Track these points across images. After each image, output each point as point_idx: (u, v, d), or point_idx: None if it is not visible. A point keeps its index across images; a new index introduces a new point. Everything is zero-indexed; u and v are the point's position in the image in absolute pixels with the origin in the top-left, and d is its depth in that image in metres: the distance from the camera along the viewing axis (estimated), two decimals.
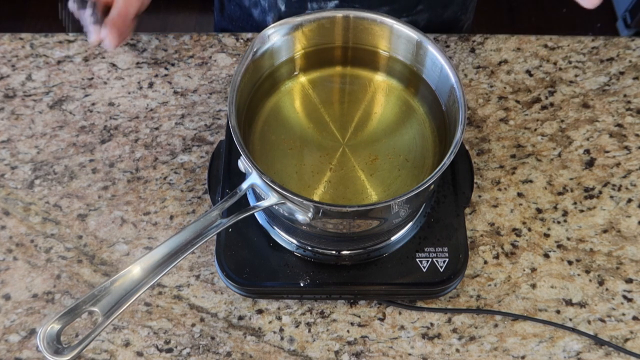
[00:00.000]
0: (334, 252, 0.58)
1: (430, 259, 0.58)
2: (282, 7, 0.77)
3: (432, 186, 0.52)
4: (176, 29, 1.84)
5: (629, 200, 0.65)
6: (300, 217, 0.49)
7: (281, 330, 0.59)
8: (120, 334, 0.58)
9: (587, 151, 0.68)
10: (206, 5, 1.85)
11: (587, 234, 0.63)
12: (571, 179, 0.66)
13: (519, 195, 0.65)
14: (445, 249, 0.58)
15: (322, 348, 0.58)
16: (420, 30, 0.54)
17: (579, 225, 0.64)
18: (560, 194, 0.65)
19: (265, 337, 0.59)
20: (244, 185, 0.50)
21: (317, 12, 0.56)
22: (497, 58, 0.74)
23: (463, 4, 0.83)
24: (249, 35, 0.76)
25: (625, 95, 0.71)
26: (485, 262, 0.62)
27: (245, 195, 0.57)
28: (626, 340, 0.58)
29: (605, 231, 0.63)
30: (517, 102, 0.71)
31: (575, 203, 0.65)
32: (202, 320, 0.59)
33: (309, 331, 0.59)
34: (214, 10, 0.91)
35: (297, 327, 0.59)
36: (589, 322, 0.59)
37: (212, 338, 0.58)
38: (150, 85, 0.72)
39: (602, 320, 0.59)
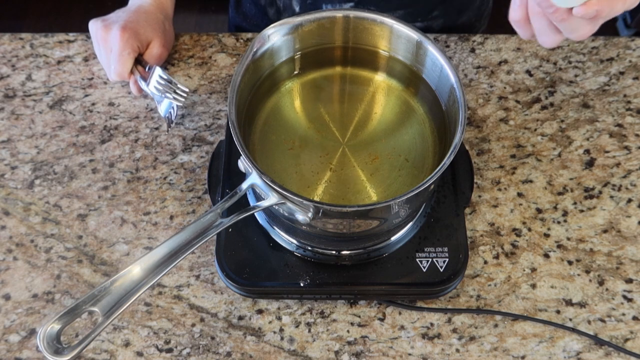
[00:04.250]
0: (334, 252, 0.58)
1: (430, 259, 0.58)
2: (297, 8, 0.77)
3: (432, 186, 0.52)
4: (176, 29, 1.84)
5: (629, 200, 0.65)
6: (300, 217, 0.49)
7: (281, 330, 0.59)
8: (120, 334, 0.58)
9: (587, 151, 0.68)
10: (206, 5, 1.85)
11: (587, 234, 0.63)
12: (571, 179, 0.66)
13: (519, 195, 0.65)
14: (445, 249, 0.58)
15: (322, 348, 0.58)
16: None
17: (579, 225, 0.64)
18: (560, 194, 0.65)
19: (265, 337, 0.59)
20: (244, 185, 0.50)
21: (317, 12, 0.56)
22: (497, 58, 0.74)
23: (478, 10, 0.83)
24: (249, 35, 0.76)
25: (625, 95, 0.71)
26: (485, 262, 0.62)
27: (245, 195, 0.57)
28: (626, 340, 0.58)
29: (605, 231, 0.63)
30: (517, 102, 0.71)
31: (575, 203, 0.65)
32: (202, 320, 0.59)
33: (309, 331, 0.59)
34: (229, 6, 0.90)
35: (297, 327, 0.59)
36: (589, 322, 0.59)
37: (212, 338, 0.58)
38: None
39: (602, 320, 0.59)
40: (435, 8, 0.77)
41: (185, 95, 0.65)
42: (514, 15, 0.50)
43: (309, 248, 0.58)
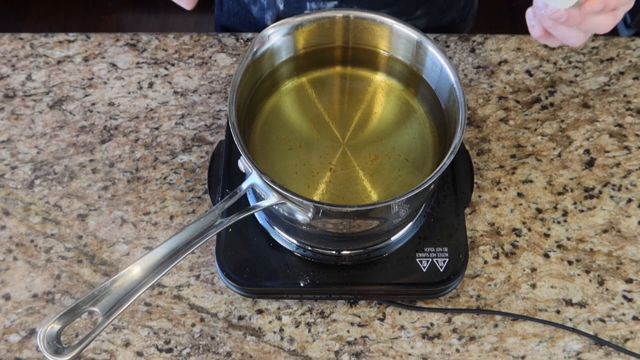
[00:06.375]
0: (334, 252, 0.58)
1: (430, 259, 0.58)
2: (281, 6, 0.77)
3: (432, 186, 0.52)
4: (176, 29, 1.84)
5: (629, 200, 0.65)
6: (300, 217, 0.49)
7: (281, 330, 0.59)
8: (120, 334, 0.58)
9: (587, 151, 0.68)
10: (206, 5, 1.85)
11: (587, 234, 0.63)
12: (571, 179, 0.66)
13: (519, 195, 0.65)
14: (445, 249, 0.58)
15: (322, 348, 0.58)
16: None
17: (579, 225, 0.64)
18: (560, 194, 0.65)
19: (265, 337, 0.59)
20: (244, 185, 0.50)
21: (317, 12, 0.56)
22: (497, 58, 0.74)
23: (462, 10, 0.83)
24: (249, 35, 0.76)
25: (625, 95, 0.71)
26: (485, 262, 0.62)
27: (245, 195, 0.57)
28: (626, 340, 0.58)
29: (605, 231, 0.63)
30: (517, 102, 0.71)
31: (575, 203, 0.65)
32: (202, 320, 0.59)
33: (309, 331, 0.59)
34: (214, 5, 0.91)
35: (297, 327, 0.59)
36: (589, 322, 0.59)
37: (212, 338, 0.58)
38: (150, 85, 0.72)
39: (602, 320, 0.59)
40: (418, 7, 0.77)
41: None
42: (535, 33, 0.52)
43: (309, 248, 0.58)
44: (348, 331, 0.59)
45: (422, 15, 0.78)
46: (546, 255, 0.62)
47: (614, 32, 1.79)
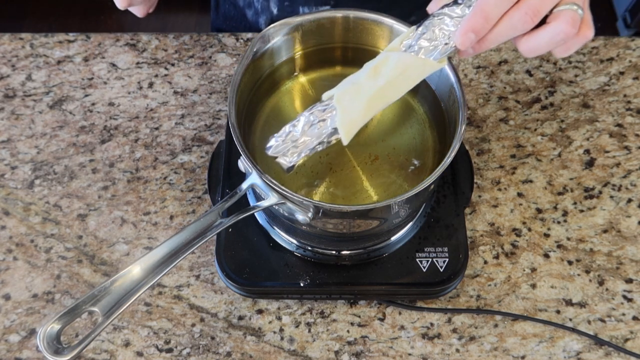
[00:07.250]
0: (334, 252, 0.58)
1: (430, 259, 0.58)
2: (275, 11, 0.77)
3: (432, 186, 0.52)
4: (176, 29, 1.84)
5: (629, 200, 0.65)
6: (300, 217, 0.49)
7: (281, 330, 0.59)
8: (120, 334, 0.58)
9: (587, 151, 0.68)
10: (206, 5, 1.85)
11: (587, 234, 0.63)
12: (571, 179, 0.66)
13: (519, 195, 0.65)
14: (445, 249, 0.58)
15: (322, 348, 0.58)
16: None
17: (579, 225, 0.64)
18: (560, 194, 0.65)
19: (265, 337, 0.59)
20: (244, 185, 0.50)
21: (317, 12, 0.56)
22: (497, 58, 0.74)
23: None
24: (249, 35, 0.76)
25: (625, 95, 0.71)
26: (485, 262, 0.62)
27: (245, 195, 0.57)
28: (626, 340, 0.58)
29: (605, 231, 0.63)
30: (517, 102, 0.71)
31: (575, 203, 0.65)
32: (202, 320, 0.59)
33: (309, 331, 0.59)
34: (210, 8, 0.91)
35: (297, 327, 0.59)
36: (589, 322, 0.59)
37: (212, 338, 0.58)
38: (150, 85, 0.72)
39: (602, 320, 0.59)
40: (413, 13, 0.77)
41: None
42: (539, 51, 0.47)
43: (309, 248, 0.58)
44: (348, 331, 0.59)
45: (417, 21, 0.78)
46: (546, 255, 0.62)
47: (614, 32, 1.79)
